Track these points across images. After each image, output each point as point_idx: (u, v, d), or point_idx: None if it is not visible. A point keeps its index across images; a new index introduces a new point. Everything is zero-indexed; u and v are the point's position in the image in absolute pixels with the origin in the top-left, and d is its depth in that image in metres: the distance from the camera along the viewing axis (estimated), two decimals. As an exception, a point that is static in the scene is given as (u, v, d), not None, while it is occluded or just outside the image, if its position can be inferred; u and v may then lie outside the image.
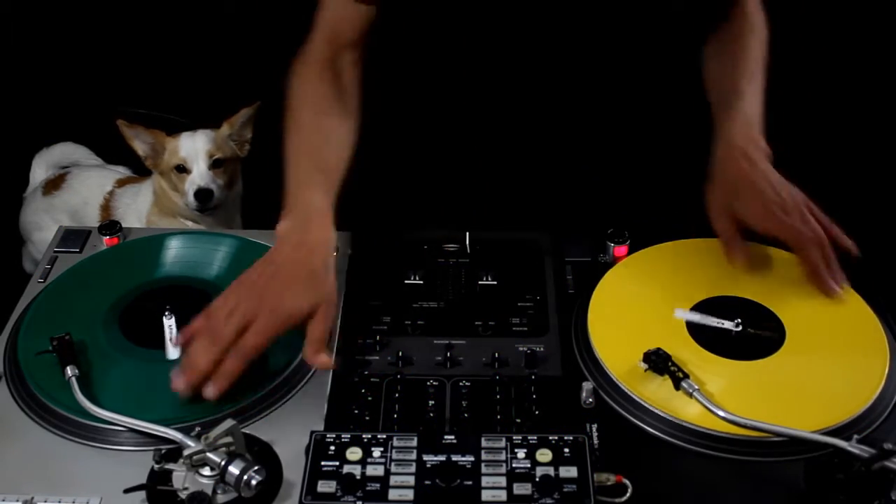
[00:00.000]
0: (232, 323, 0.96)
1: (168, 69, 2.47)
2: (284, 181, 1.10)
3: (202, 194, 1.74)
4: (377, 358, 1.03)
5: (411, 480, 0.85)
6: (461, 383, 0.99)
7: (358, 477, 0.85)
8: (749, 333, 1.03)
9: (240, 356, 0.95)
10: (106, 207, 1.90)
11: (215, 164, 1.76)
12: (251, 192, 1.89)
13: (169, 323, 1.04)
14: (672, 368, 0.96)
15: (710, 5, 1.23)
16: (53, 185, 1.97)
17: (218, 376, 0.95)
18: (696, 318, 1.04)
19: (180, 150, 1.75)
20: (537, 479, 0.85)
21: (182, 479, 0.86)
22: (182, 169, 1.75)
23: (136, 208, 1.87)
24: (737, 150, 1.10)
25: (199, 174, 1.74)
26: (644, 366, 0.98)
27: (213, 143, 1.76)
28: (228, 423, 0.86)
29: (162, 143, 1.77)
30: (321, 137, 1.13)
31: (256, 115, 1.79)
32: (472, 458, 0.87)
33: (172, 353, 1.03)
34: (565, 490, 0.84)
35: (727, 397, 0.94)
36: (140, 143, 1.77)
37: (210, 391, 0.95)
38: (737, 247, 1.08)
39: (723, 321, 1.03)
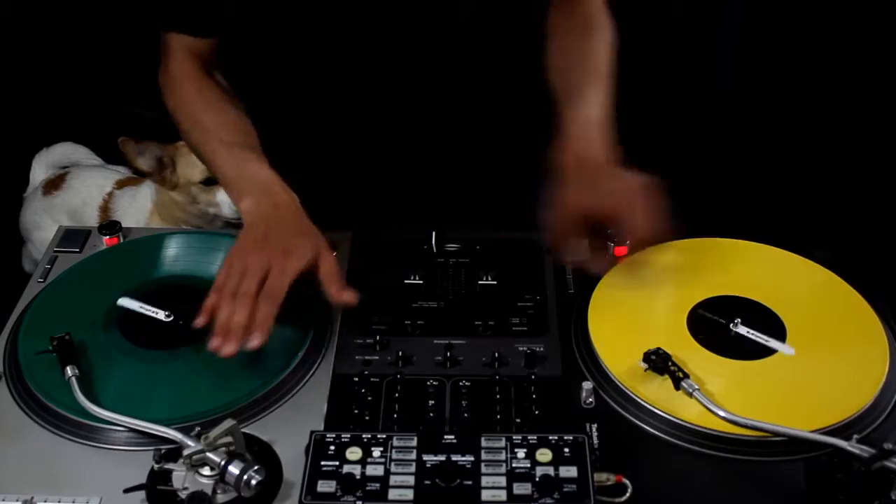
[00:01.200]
0: (251, 278, 0.98)
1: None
2: (218, 176, 1.13)
3: None
4: (377, 358, 1.03)
5: (411, 480, 0.85)
6: (461, 383, 0.99)
7: (358, 477, 0.85)
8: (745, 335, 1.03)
9: (271, 301, 0.97)
10: (105, 209, 1.89)
11: None
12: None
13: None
14: (672, 368, 0.96)
15: None
16: (53, 185, 1.96)
17: (257, 326, 0.97)
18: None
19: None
20: (537, 479, 0.85)
21: (182, 479, 0.86)
22: (210, 181, 1.69)
23: (134, 211, 1.86)
24: (574, 151, 1.11)
25: None
26: (644, 366, 0.98)
27: None
28: (228, 422, 0.86)
29: (171, 155, 1.71)
30: (232, 128, 1.15)
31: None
32: (471, 458, 0.87)
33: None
34: (565, 490, 0.84)
35: (727, 397, 0.94)
36: (145, 160, 1.71)
37: (255, 342, 0.96)
38: (567, 246, 1.11)
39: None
